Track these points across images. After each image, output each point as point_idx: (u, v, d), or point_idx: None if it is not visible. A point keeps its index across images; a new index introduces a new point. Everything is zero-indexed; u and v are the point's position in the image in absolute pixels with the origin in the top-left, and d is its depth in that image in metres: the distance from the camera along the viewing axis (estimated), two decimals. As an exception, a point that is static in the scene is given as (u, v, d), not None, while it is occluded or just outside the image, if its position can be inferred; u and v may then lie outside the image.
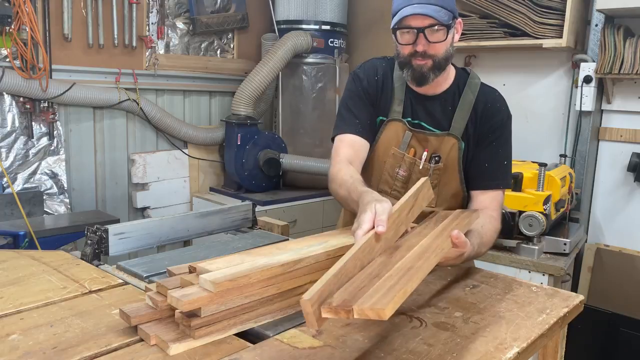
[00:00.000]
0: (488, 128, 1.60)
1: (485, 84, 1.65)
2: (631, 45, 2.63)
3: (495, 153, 1.60)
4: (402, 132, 1.61)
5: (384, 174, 1.64)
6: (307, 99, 3.73)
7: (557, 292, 1.36)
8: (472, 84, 1.62)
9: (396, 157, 1.62)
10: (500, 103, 1.63)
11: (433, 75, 1.51)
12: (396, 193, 1.64)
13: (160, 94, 3.62)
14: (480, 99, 1.61)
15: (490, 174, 1.60)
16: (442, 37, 1.46)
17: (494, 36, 2.97)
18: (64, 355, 0.96)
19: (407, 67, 1.52)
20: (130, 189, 3.54)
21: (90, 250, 1.52)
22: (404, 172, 1.62)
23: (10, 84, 2.83)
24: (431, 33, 1.44)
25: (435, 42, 1.45)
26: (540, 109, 3.15)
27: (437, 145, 1.59)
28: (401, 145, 1.61)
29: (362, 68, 1.68)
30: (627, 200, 2.92)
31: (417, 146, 1.61)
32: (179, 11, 3.64)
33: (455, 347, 1.03)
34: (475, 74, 1.66)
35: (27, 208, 2.87)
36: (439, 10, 1.41)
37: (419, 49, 1.46)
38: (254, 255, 1.15)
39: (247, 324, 1.07)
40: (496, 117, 1.60)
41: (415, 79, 1.52)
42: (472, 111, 1.59)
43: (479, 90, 1.62)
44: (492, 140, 1.60)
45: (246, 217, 1.96)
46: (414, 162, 1.61)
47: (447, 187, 1.63)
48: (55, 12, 3.02)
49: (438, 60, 1.49)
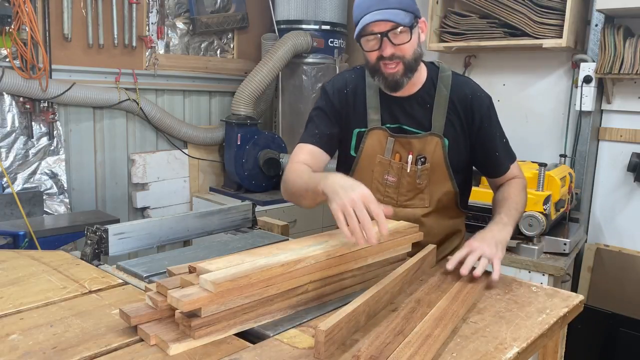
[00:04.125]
0: (479, 119, 1.62)
1: (456, 74, 1.66)
2: (631, 45, 2.63)
3: (496, 137, 1.66)
4: (385, 138, 1.61)
5: (374, 182, 1.64)
6: (307, 99, 3.73)
7: (557, 292, 1.36)
8: (444, 78, 1.62)
9: (383, 164, 1.62)
10: (479, 90, 1.65)
11: (406, 79, 1.52)
12: (389, 200, 1.64)
13: (160, 94, 3.62)
14: (456, 91, 1.61)
15: (503, 158, 1.68)
16: (406, 38, 1.45)
17: (494, 36, 2.97)
18: (63, 355, 0.96)
19: (378, 75, 1.52)
20: (130, 189, 3.54)
21: (90, 250, 1.52)
22: (393, 178, 1.62)
23: (10, 84, 2.83)
24: (395, 36, 1.44)
25: (401, 44, 1.45)
26: (540, 109, 3.15)
27: (421, 146, 1.60)
28: (385, 152, 1.61)
29: (331, 83, 1.69)
30: (627, 200, 2.92)
31: (401, 150, 1.61)
32: (179, 11, 3.64)
33: (455, 347, 1.03)
34: (444, 66, 1.66)
35: (27, 208, 2.87)
36: (398, 14, 1.42)
37: (385, 54, 1.46)
38: (254, 255, 1.15)
39: (247, 324, 1.07)
40: (482, 105, 1.62)
41: (389, 86, 1.52)
42: (450, 105, 1.60)
43: (452, 82, 1.62)
44: (488, 127, 1.63)
45: (246, 217, 1.96)
46: (400, 166, 1.61)
47: (438, 185, 1.64)
48: (55, 12, 3.02)
49: (408, 62, 1.49)
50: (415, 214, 1.64)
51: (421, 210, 1.64)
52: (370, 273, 1.35)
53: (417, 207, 1.64)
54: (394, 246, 1.40)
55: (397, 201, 1.64)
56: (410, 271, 1.32)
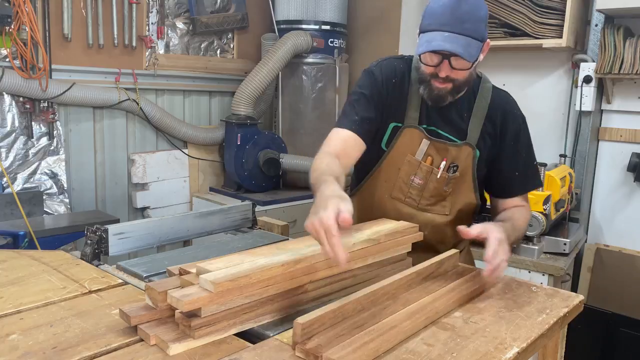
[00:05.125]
0: (510, 135, 1.59)
1: (496, 88, 1.63)
2: (631, 45, 2.63)
3: (521, 158, 1.61)
4: (419, 139, 1.56)
5: (398, 180, 1.60)
6: (307, 99, 3.73)
7: (557, 292, 1.36)
8: (485, 89, 1.60)
9: (412, 165, 1.57)
10: (516, 107, 1.63)
11: (451, 97, 1.49)
12: (410, 201, 1.61)
13: (160, 94, 3.62)
14: (494, 105, 1.59)
15: (522, 180, 1.63)
16: (466, 66, 1.41)
17: (494, 36, 2.97)
18: (63, 355, 0.96)
19: (425, 85, 1.48)
20: (130, 189, 3.54)
21: (90, 250, 1.52)
22: (420, 181, 1.58)
23: (10, 84, 2.83)
24: (456, 61, 1.39)
25: (459, 69, 1.42)
26: (540, 109, 3.15)
27: (456, 154, 1.56)
28: (418, 153, 1.56)
29: (379, 67, 1.59)
30: (627, 200, 2.92)
31: (435, 155, 1.56)
32: (179, 11, 3.64)
33: (455, 347, 1.03)
34: (486, 77, 1.63)
35: (27, 208, 2.87)
36: (469, 44, 1.36)
37: (441, 75, 1.42)
38: (254, 255, 1.15)
39: (247, 324, 1.07)
40: (515, 122, 1.60)
41: (432, 99, 1.49)
42: (487, 117, 1.58)
43: (492, 95, 1.59)
44: (514, 145, 1.60)
45: (246, 217, 1.96)
46: (430, 170, 1.56)
47: (461, 195, 1.61)
48: (55, 12, 3.02)
49: (459, 84, 1.46)
50: (435, 219, 1.61)
51: (440, 217, 1.62)
52: (370, 273, 1.35)
53: (437, 214, 1.62)
54: (394, 246, 1.39)
55: (418, 204, 1.60)
56: (420, 274, 1.30)
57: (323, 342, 0.96)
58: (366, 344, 0.97)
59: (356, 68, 3.89)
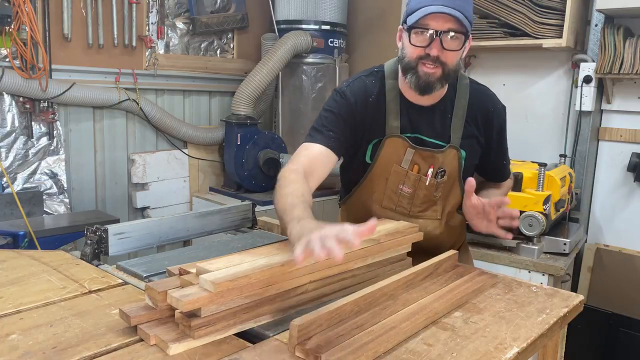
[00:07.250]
0: (496, 131, 1.64)
1: (474, 82, 1.62)
2: (631, 45, 2.63)
3: (504, 148, 1.71)
4: (403, 148, 1.53)
5: (387, 190, 1.58)
6: (307, 99, 3.73)
7: (557, 292, 1.36)
8: (462, 86, 1.58)
9: (399, 174, 1.55)
10: (498, 102, 1.64)
11: (439, 85, 1.45)
12: (401, 209, 1.60)
13: (160, 94, 3.62)
14: (475, 102, 1.58)
15: (506, 167, 1.75)
16: (457, 46, 1.40)
17: (494, 36, 2.97)
18: (63, 355, 0.96)
19: (411, 72, 1.44)
20: (130, 189, 3.54)
21: (90, 250, 1.52)
22: (409, 189, 1.57)
23: (10, 84, 2.83)
24: (447, 40, 1.38)
25: (450, 50, 1.39)
26: (540, 109, 3.15)
27: (442, 160, 1.55)
28: (403, 162, 1.54)
29: (349, 87, 1.54)
30: (627, 200, 2.92)
31: (421, 163, 1.54)
32: (179, 11, 3.64)
33: (455, 347, 1.03)
34: (463, 73, 1.62)
35: (27, 208, 2.87)
36: (464, 18, 1.36)
37: (432, 53, 1.38)
38: (254, 255, 1.15)
39: (247, 324, 1.07)
40: (500, 117, 1.64)
41: (420, 86, 1.44)
42: (469, 114, 1.57)
43: (470, 91, 1.58)
44: (500, 138, 1.67)
45: (246, 217, 1.96)
46: (418, 178, 1.55)
47: (451, 196, 1.62)
48: (55, 12, 3.02)
49: (447, 71, 1.43)
50: (427, 225, 1.60)
51: (432, 222, 1.62)
52: (370, 273, 1.35)
53: (429, 219, 1.62)
54: (394, 246, 1.39)
55: (409, 212, 1.60)
56: (419, 274, 1.31)
57: (323, 342, 0.97)
58: (366, 344, 0.97)
59: (356, 68, 3.89)
